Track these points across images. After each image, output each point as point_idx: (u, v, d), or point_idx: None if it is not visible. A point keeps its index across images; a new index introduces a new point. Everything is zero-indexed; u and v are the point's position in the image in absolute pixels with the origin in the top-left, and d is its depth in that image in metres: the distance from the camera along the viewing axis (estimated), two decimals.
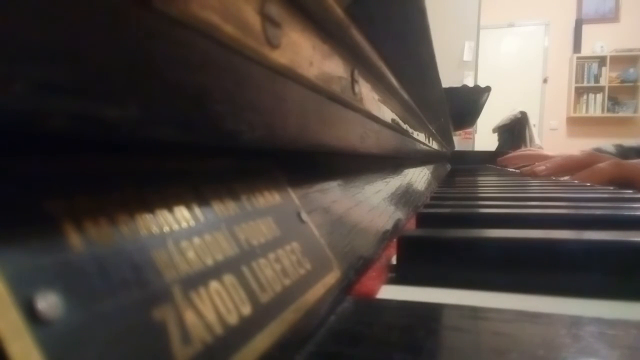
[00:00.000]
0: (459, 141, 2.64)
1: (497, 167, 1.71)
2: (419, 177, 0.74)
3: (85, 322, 0.08)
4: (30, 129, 0.09)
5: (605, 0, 4.95)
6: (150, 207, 0.12)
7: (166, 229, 0.12)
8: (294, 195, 0.21)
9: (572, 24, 5.07)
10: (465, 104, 1.65)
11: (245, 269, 0.14)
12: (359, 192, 0.34)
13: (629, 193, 0.62)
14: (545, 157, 1.64)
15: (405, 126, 0.48)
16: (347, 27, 0.21)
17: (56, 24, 0.08)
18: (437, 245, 0.27)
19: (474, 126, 2.71)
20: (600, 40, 5.00)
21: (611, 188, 0.74)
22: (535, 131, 3.24)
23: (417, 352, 0.15)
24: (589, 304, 0.21)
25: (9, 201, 0.08)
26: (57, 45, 0.08)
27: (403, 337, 0.16)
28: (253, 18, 0.13)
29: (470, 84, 2.13)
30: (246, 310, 0.13)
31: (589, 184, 0.87)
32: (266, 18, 0.14)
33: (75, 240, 0.09)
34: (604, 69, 5.01)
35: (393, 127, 0.40)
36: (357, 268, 0.24)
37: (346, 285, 0.21)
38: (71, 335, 0.08)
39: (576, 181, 0.96)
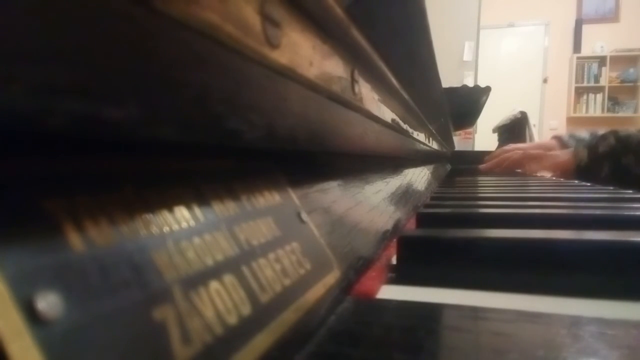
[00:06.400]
0: (459, 141, 2.64)
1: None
2: (419, 177, 0.74)
3: (85, 322, 0.08)
4: (31, 129, 0.09)
5: (605, 0, 4.95)
6: (150, 207, 0.12)
7: (166, 229, 0.12)
8: (294, 195, 0.21)
9: (572, 24, 5.07)
10: (465, 104, 1.65)
11: (245, 269, 0.14)
12: (359, 192, 0.34)
13: (629, 193, 0.62)
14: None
15: (405, 126, 0.48)
16: (347, 27, 0.21)
17: (56, 24, 0.08)
18: (437, 245, 0.27)
19: (474, 126, 2.70)
20: (600, 40, 4.99)
21: (611, 188, 0.74)
22: (535, 131, 3.23)
23: (417, 352, 0.15)
24: (589, 304, 0.21)
25: (9, 201, 0.08)
26: (57, 45, 0.08)
27: (403, 337, 0.16)
28: (253, 18, 0.13)
29: (470, 84, 2.13)
30: (246, 310, 0.13)
31: (589, 184, 0.87)
32: (266, 18, 0.14)
33: (75, 240, 0.09)
34: (604, 69, 5.00)
35: (393, 127, 0.40)
36: (357, 268, 0.24)
37: (346, 285, 0.21)
38: (71, 335, 0.08)
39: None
